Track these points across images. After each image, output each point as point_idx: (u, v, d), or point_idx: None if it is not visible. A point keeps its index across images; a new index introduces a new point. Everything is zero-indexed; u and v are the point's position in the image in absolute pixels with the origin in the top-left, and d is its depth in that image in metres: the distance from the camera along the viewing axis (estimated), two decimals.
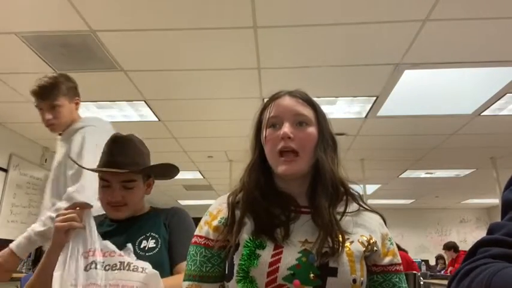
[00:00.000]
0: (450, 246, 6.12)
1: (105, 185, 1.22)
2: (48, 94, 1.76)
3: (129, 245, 1.09)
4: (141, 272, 0.98)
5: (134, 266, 0.99)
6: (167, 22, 2.47)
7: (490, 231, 0.60)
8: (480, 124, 4.08)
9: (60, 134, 1.91)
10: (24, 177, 4.82)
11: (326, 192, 0.85)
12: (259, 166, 0.90)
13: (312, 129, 0.88)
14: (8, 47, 2.71)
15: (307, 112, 0.89)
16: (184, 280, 0.85)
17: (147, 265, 1.01)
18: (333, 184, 0.86)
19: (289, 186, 0.88)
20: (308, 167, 0.87)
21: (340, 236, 0.79)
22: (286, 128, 0.85)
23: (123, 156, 1.22)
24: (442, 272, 6.61)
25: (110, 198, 1.21)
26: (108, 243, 1.05)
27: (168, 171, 1.32)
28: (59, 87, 1.80)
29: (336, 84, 3.28)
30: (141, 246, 1.16)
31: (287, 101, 0.90)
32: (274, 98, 0.92)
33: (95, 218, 1.33)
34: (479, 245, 0.58)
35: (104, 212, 1.33)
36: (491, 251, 0.55)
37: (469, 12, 2.34)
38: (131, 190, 1.23)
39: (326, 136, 0.90)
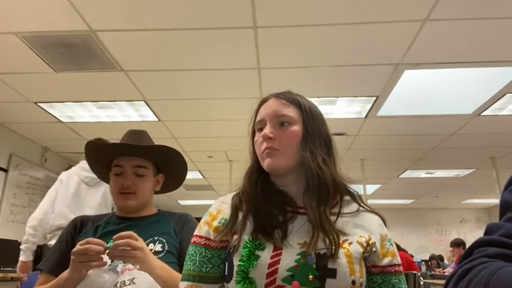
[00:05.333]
0: (459, 243, 6.07)
1: (118, 172, 1.27)
2: None
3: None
4: (129, 284, 0.98)
5: (121, 282, 0.99)
6: (167, 22, 2.47)
7: (488, 232, 0.60)
8: (480, 124, 4.08)
9: None
10: (24, 177, 4.83)
11: (312, 191, 0.84)
12: (257, 169, 0.91)
13: (295, 128, 0.88)
14: (8, 47, 2.71)
15: (290, 112, 0.89)
16: (182, 280, 0.85)
17: (134, 274, 1.01)
18: (321, 183, 0.84)
19: (285, 185, 0.89)
20: (293, 163, 0.87)
21: (335, 235, 0.78)
22: (266, 130, 0.87)
23: (137, 142, 1.29)
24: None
25: (122, 182, 1.25)
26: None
27: (176, 160, 1.36)
28: None
29: (336, 84, 3.28)
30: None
31: (271, 103, 0.91)
32: (262, 102, 0.94)
33: (103, 216, 1.34)
34: (476, 245, 0.58)
35: (110, 212, 1.34)
36: (487, 251, 0.55)
37: (469, 12, 2.34)
38: (142, 178, 1.28)
39: (312, 134, 0.88)
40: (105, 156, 1.31)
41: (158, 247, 1.19)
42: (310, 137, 0.88)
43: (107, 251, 0.99)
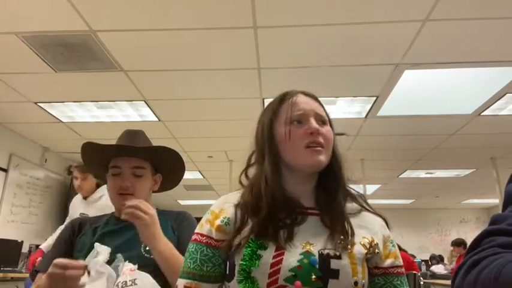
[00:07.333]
0: (460, 243, 6.07)
1: (115, 172, 1.26)
2: None
3: (119, 256, 1.08)
4: (131, 285, 0.98)
5: (123, 282, 0.98)
6: (167, 22, 2.47)
7: (494, 222, 0.58)
8: (480, 124, 4.08)
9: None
10: (24, 177, 4.83)
11: (342, 192, 0.87)
12: (276, 166, 0.87)
13: (330, 128, 0.90)
14: (8, 47, 2.71)
15: (323, 112, 0.91)
16: (181, 277, 0.84)
17: (136, 275, 1.01)
18: (345, 184, 0.89)
19: (296, 184, 0.87)
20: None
21: (351, 236, 0.80)
22: (315, 124, 0.86)
23: (135, 143, 1.29)
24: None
25: (120, 183, 1.24)
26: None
27: (174, 161, 1.35)
28: None
29: (336, 84, 3.28)
30: (147, 248, 1.16)
31: (307, 100, 0.91)
32: (291, 96, 0.91)
33: (101, 217, 1.34)
34: (484, 235, 0.56)
35: (109, 212, 1.33)
36: (498, 241, 0.53)
37: (469, 12, 2.34)
38: (140, 178, 1.27)
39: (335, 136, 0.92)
40: (102, 157, 1.30)
41: None
42: (335, 138, 0.91)
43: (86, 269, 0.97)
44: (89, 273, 0.97)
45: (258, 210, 0.82)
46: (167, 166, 1.36)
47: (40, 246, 3.10)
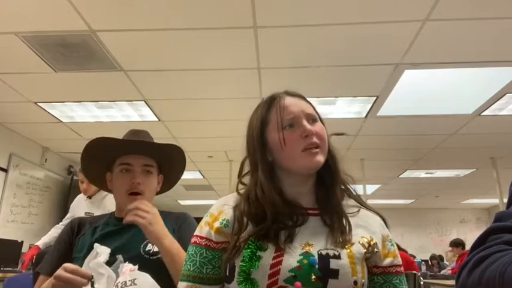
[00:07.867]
0: (458, 243, 6.07)
1: (126, 168, 1.23)
2: None
3: (120, 256, 1.07)
4: (131, 285, 0.98)
5: (123, 282, 0.98)
6: (167, 22, 2.47)
7: (499, 219, 0.58)
8: (480, 124, 4.08)
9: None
10: (24, 177, 4.83)
11: (339, 187, 0.87)
12: (272, 172, 0.87)
13: (321, 124, 0.89)
14: (8, 47, 2.71)
15: (312, 110, 0.90)
16: (181, 280, 0.84)
17: (135, 275, 1.00)
18: (342, 181, 0.89)
19: (295, 185, 0.87)
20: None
21: (351, 236, 0.80)
22: (308, 126, 0.85)
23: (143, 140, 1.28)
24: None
25: (130, 180, 1.21)
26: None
27: (180, 161, 1.34)
28: None
29: (336, 84, 3.28)
30: (146, 249, 1.15)
31: (295, 101, 0.89)
32: (277, 99, 0.90)
33: (101, 217, 1.33)
34: (489, 232, 0.56)
35: (109, 212, 1.32)
36: (504, 238, 0.53)
37: (469, 12, 2.35)
38: (150, 176, 1.25)
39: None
40: (111, 153, 1.26)
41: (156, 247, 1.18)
42: (328, 133, 0.90)
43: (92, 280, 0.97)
44: (92, 284, 0.96)
45: (257, 218, 0.81)
46: (172, 166, 1.34)
47: (36, 243, 3.11)
